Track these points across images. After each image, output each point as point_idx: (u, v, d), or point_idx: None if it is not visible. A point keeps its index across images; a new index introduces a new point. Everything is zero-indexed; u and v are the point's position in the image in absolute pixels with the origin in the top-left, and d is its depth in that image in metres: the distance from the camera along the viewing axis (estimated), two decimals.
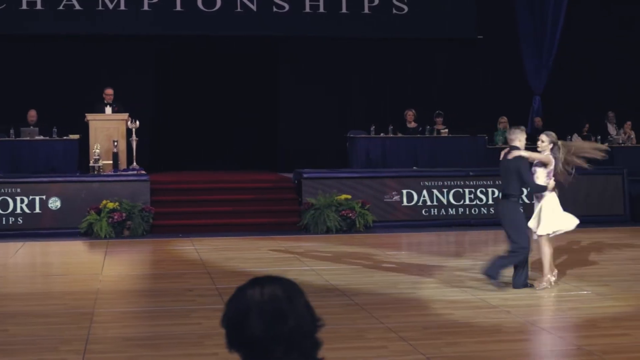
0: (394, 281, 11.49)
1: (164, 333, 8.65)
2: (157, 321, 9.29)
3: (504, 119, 20.94)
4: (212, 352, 7.80)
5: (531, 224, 11.03)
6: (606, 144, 20.44)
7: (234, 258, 13.62)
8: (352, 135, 19.79)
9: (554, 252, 11.28)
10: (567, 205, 18.29)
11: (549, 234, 10.99)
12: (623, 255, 14.04)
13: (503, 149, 19.56)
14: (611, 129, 21.93)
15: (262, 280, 2.96)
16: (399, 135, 19.91)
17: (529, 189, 12.00)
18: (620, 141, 21.06)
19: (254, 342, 2.86)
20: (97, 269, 12.82)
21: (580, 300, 10.14)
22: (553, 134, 11.54)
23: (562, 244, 13.89)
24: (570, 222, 11.23)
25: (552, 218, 11.02)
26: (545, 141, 11.35)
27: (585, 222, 18.31)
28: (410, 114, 20.28)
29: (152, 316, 9.57)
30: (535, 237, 11.01)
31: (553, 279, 10.92)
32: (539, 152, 11.38)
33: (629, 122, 21.30)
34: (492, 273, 10.72)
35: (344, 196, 17.32)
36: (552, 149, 11.23)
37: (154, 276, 12.68)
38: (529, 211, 11.22)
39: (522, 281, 10.74)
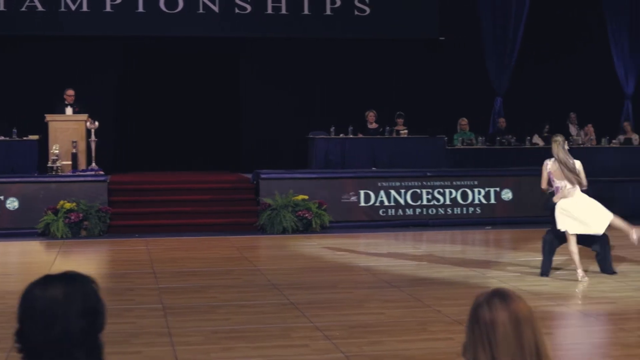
0: (335, 281, 11.58)
1: None
2: None
3: (464, 121, 21.07)
4: (136, 350, 7.90)
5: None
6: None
7: (183, 258, 13.69)
8: (311, 136, 19.88)
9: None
10: (524, 208, 18.67)
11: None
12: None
13: (463, 150, 19.97)
14: (573, 129, 22.08)
15: (50, 279, 2.92)
16: (360, 135, 20.00)
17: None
18: (580, 142, 21.21)
19: (27, 344, 2.85)
20: (45, 268, 12.85)
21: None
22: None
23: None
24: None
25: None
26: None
27: (544, 222, 18.64)
28: (371, 115, 20.38)
29: None
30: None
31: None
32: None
33: (590, 125, 21.44)
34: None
35: (300, 197, 17.39)
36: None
37: (99, 275, 12.64)
38: None
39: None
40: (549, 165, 11.93)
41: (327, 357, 7.70)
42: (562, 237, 11.87)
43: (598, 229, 11.65)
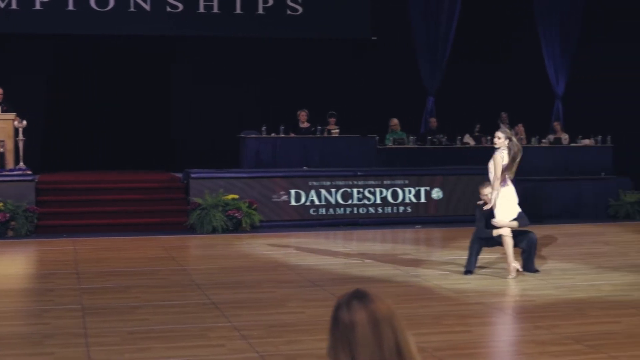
0: (259, 280, 11.57)
1: (8, 333, 8.63)
2: (8, 321, 9.25)
3: (394, 121, 21.13)
4: (50, 351, 7.83)
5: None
6: None
7: (110, 258, 13.59)
8: (243, 136, 19.82)
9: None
10: (454, 206, 18.82)
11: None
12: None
13: (394, 149, 20.04)
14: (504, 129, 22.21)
15: None
16: (292, 135, 19.98)
17: None
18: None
19: None
20: None
21: (436, 297, 10.32)
22: (508, 130, 11.95)
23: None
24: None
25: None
26: (501, 137, 11.71)
27: (474, 220, 18.79)
28: (303, 114, 20.36)
29: (4, 316, 9.50)
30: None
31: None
32: (496, 149, 11.80)
33: (520, 124, 21.60)
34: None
35: (231, 196, 17.34)
36: (509, 145, 11.59)
37: (21, 276, 12.59)
38: None
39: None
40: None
41: (242, 356, 7.68)
42: (489, 239, 11.96)
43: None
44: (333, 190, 18.32)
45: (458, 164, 19.94)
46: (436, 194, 18.87)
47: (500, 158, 11.77)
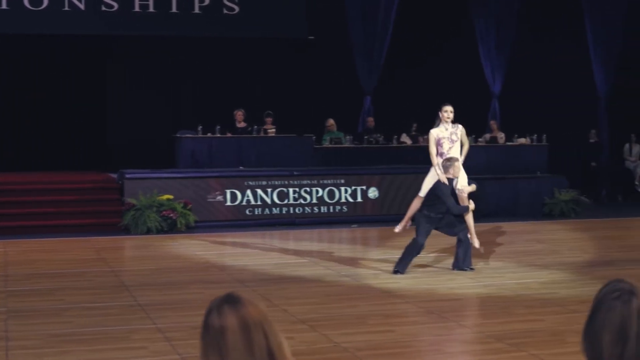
0: (188, 281, 11.51)
1: None
2: None
3: (331, 121, 21.15)
4: None
5: None
6: None
7: (40, 260, 13.46)
8: (178, 135, 19.71)
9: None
10: (390, 206, 18.89)
11: None
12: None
13: (331, 149, 20.06)
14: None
15: None
16: (228, 135, 19.91)
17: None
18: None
19: None
20: None
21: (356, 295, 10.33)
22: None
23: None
24: None
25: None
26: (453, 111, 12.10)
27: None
28: (239, 114, 20.29)
29: None
30: None
31: None
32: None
33: (457, 123, 21.68)
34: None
35: (165, 196, 17.24)
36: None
37: None
38: None
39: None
40: None
41: (163, 359, 7.64)
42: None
43: None
44: (269, 190, 18.30)
45: (395, 163, 20.01)
46: (372, 193, 18.92)
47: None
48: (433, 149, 12.51)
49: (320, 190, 18.61)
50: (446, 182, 12.09)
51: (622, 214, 20.60)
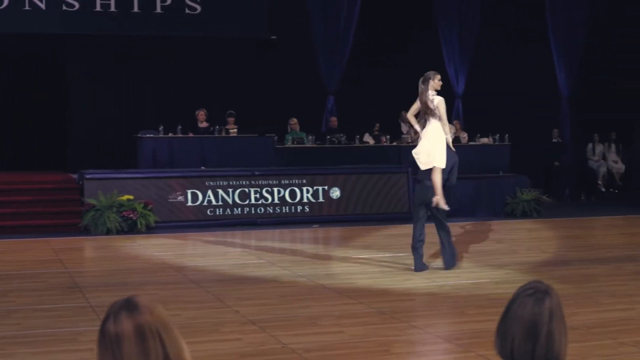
0: (143, 282, 11.45)
1: None
2: None
3: (293, 121, 21.13)
4: None
5: None
6: (395, 142, 21.00)
7: None
8: (139, 136, 19.62)
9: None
10: (353, 202, 18.87)
11: None
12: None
13: (293, 149, 20.01)
14: (404, 128, 22.34)
15: None
16: (190, 135, 19.85)
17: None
18: (410, 140, 21.48)
19: None
20: None
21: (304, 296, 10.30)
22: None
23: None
24: None
25: None
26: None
27: (372, 219, 18.91)
28: (201, 114, 20.23)
29: None
30: None
31: None
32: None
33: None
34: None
35: (125, 197, 17.15)
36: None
37: None
38: None
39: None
40: None
41: None
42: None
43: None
44: (230, 190, 18.24)
45: (358, 163, 20.02)
46: (334, 193, 18.90)
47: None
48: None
49: (281, 190, 18.57)
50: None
51: (585, 214, 20.70)
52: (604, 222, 19.42)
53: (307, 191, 18.74)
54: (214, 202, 18.09)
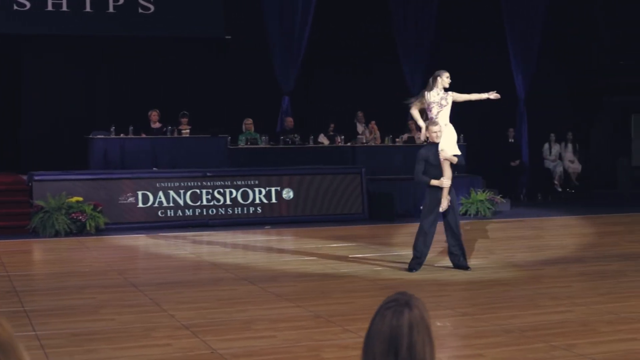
0: (83, 286, 11.29)
1: None
2: None
3: (249, 121, 21.03)
4: None
5: None
6: (350, 143, 20.95)
7: None
8: (90, 136, 19.45)
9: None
10: (306, 203, 18.79)
11: None
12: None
13: (247, 149, 19.91)
14: (360, 128, 22.33)
15: None
16: (143, 135, 19.71)
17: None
18: (364, 140, 21.46)
19: None
20: None
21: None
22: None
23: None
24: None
25: None
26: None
27: (325, 220, 18.85)
28: (154, 114, 20.11)
29: None
30: None
31: None
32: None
33: (373, 122, 21.68)
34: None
35: (75, 198, 17.00)
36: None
37: None
38: None
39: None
40: None
41: None
42: None
43: None
44: (182, 191, 18.13)
45: (312, 163, 19.95)
46: (287, 194, 18.83)
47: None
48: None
49: (233, 191, 18.48)
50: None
51: (540, 214, 20.74)
52: (557, 222, 19.44)
53: (260, 192, 18.65)
54: (165, 204, 17.97)
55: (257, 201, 18.62)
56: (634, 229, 18.13)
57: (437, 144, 12.21)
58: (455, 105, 22.82)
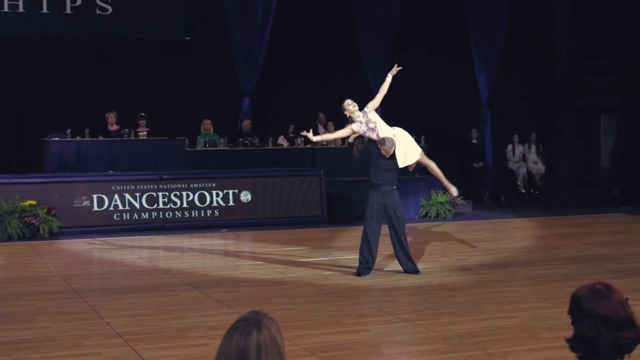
0: (24, 292, 11.10)
1: None
2: None
3: (208, 122, 20.88)
4: None
5: None
6: (309, 145, 20.81)
7: None
8: (46, 139, 19.25)
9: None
10: (265, 206, 18.66)
11: None
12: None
13: (205, 151, 19.75)
14: (321, 130, 22.18)
15: None
16: (100, 138, 19.52)
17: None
18: (325, 142, 21.31)
19: None
20: None
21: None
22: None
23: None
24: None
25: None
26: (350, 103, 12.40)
27: (284, 223, 18.73)
28: (111, 116, 19.93)
29: None
30: None
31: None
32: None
33: (330, 123, 21.57)
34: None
35: (28, 202, 16.81)
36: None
37: None
38: None
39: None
40: None
41: None
42: None
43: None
44: (138, 194, 17.95)
45: (271, 165, 19.81)
46: (245, 196, 18.68)
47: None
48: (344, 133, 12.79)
49: (190, 194, 18.31)
50: None
51: (501, 216, 20.70)
52: (516, 224, 19.34)
53: (217, 195, 18.50)
54: (120, 207, 17.79)
55: (215, 204, 18.47)
56: (592, 231, 18.07)
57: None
58: (418, 106, 22.83)
